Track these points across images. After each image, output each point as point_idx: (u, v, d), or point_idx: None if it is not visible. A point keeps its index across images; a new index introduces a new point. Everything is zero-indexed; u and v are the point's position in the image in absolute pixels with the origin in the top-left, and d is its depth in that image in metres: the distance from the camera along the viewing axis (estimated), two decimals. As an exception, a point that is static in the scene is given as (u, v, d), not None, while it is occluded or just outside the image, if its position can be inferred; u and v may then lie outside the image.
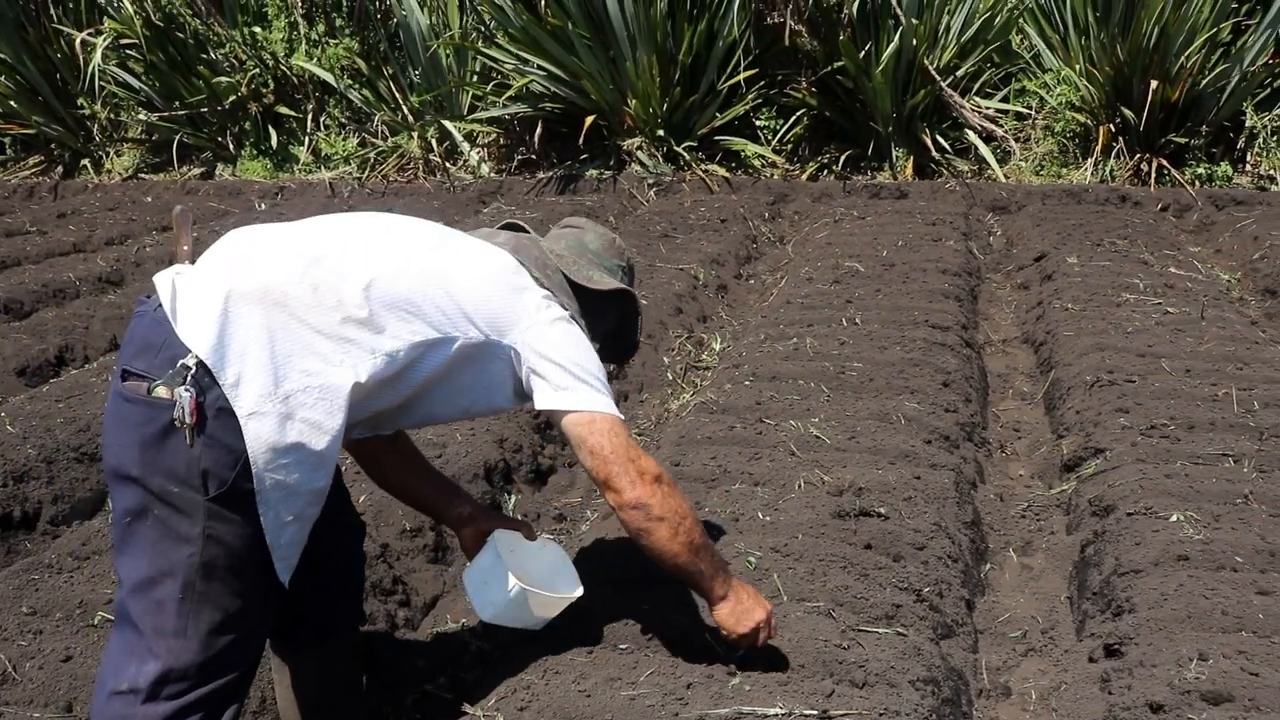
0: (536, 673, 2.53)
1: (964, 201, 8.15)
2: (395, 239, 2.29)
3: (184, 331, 2.03)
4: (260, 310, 2.06)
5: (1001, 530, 3.67)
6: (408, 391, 2.22)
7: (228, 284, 2.07)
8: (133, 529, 2.07)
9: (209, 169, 10.09)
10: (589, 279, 2.49)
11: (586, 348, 2.33)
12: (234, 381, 2.01)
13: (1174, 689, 2.48)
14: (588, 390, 2.26)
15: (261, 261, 2.14)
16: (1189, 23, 7.93)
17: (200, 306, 2.05)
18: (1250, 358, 4.59)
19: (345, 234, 2.28)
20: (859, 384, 4.36)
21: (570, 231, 2.60)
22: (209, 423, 2.00)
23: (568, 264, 2.49)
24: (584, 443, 2.25)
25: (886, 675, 2.51)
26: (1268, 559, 3.00)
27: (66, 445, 3.86)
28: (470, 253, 2.35)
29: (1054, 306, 5.52)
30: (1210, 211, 7.76)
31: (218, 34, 9.90)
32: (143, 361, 2.05)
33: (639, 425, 4.46)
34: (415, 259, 2.24)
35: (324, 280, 2.12)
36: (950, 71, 8.80)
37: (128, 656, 2.09)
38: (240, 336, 2.03)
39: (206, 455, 2.01)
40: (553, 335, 2.28)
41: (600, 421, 2.25)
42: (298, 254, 2.16)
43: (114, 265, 6.61)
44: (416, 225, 2.39)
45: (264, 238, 2.24)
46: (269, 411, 2.03)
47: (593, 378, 2.28)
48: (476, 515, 2.65)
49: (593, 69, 8.68)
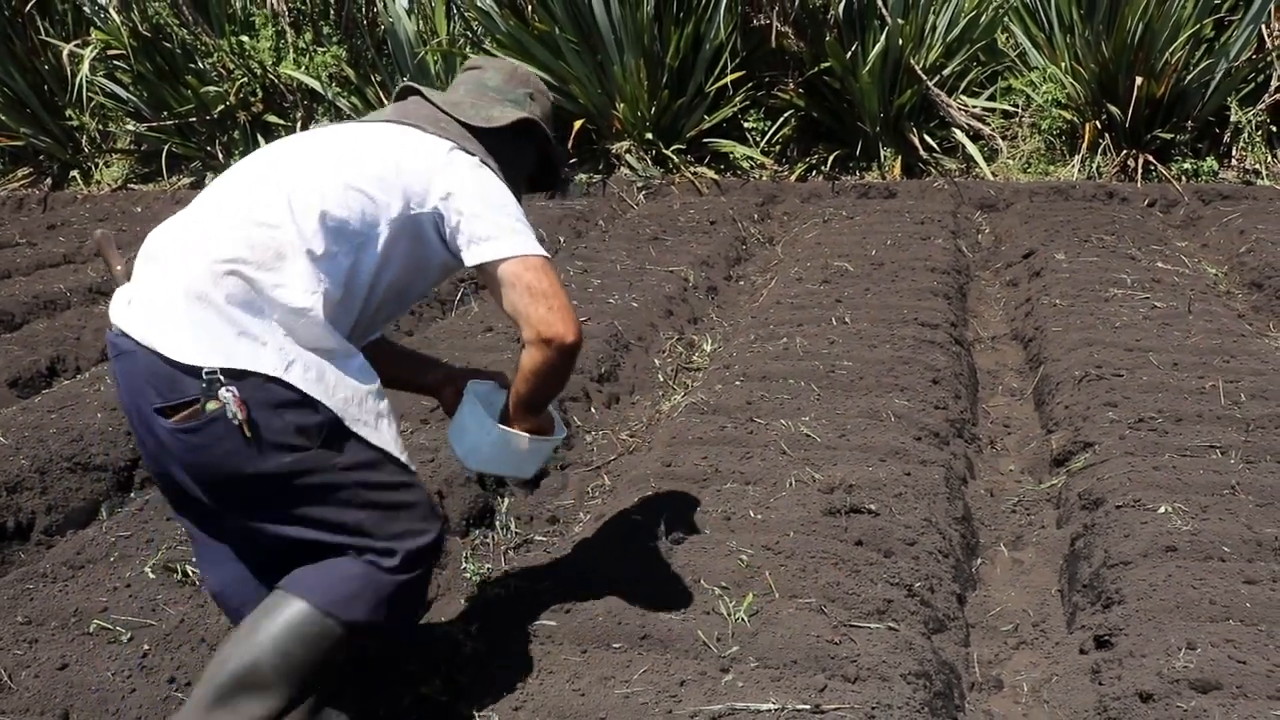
0: (531, 673, 2.54)
1: (952, 200, 8.19)
2: (289, 168, 2.28)
3: (175, 351, 2.07)
4: (218, 293, 2.09)
5: (992, 525, 3.69)
6: (365, 293, 2.25)
7: (176, 287, 2.11)
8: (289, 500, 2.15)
9: (198, 178, 10.09)
10: (487, 119, 2.44)
11: (501, 189, 2.32)
12: (252, 358, 2.08)
13: (1163, 678, 2.50)
14: (513, 235, 2.26)
15: (196, 245, 2.16)
16: (1172, 19, 7.97)
17: (169, 321, 2.09)
18: (1237, 350, 4.62)
19: (249, 184, 2.27)
20: (849, 382, 4.38)
21: (469, 74, 2.57)
22: (258, 405, 2.07)
23: (464, 109, 2.44)
24: (519, 280, 2.23)
25: (878, 670, 2.53)
26: (1254, 549, 3.03)
27: (59, 455, 3.87)
28: (362, 142, 2.33)
29: (1042, 303, 5.55)
30: (1197, 206, 7.80)
31: (205, 43, 9.91)
32: (174, 393, 2.09)
33: (631, 427, 4.48)
34: (316, 179, 2.23)
35: (255, 236, 2.15)
36: (937, 71, 8.84)
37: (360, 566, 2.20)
38: (224, 322, 2.09)
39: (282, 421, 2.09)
40: (466, 186, 2.28)
41: (534, 260, 2.25)
42: (224, 219, 2.18)
43: (104, 276, 6.60)
44: (301, 145, 2.37)
45: (185, 221, 2.25)
46: (294, 357, 2.11)
47: (515, 219, 2.28)
48: (453, 374, 2.70)
49: (580, 73, 8.70)
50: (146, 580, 3.05)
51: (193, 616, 2.87)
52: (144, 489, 3.97)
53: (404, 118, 2.39)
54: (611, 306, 5.49)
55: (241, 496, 2.16)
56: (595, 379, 4.79)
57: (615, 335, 5.15)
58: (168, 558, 3.16)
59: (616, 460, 4.12)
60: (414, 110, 2.42)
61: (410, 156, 2.29)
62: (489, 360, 4.61)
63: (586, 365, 4.76)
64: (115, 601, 2.94)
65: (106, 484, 3.92)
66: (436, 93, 2.51)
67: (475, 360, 4.60)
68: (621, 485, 3.65)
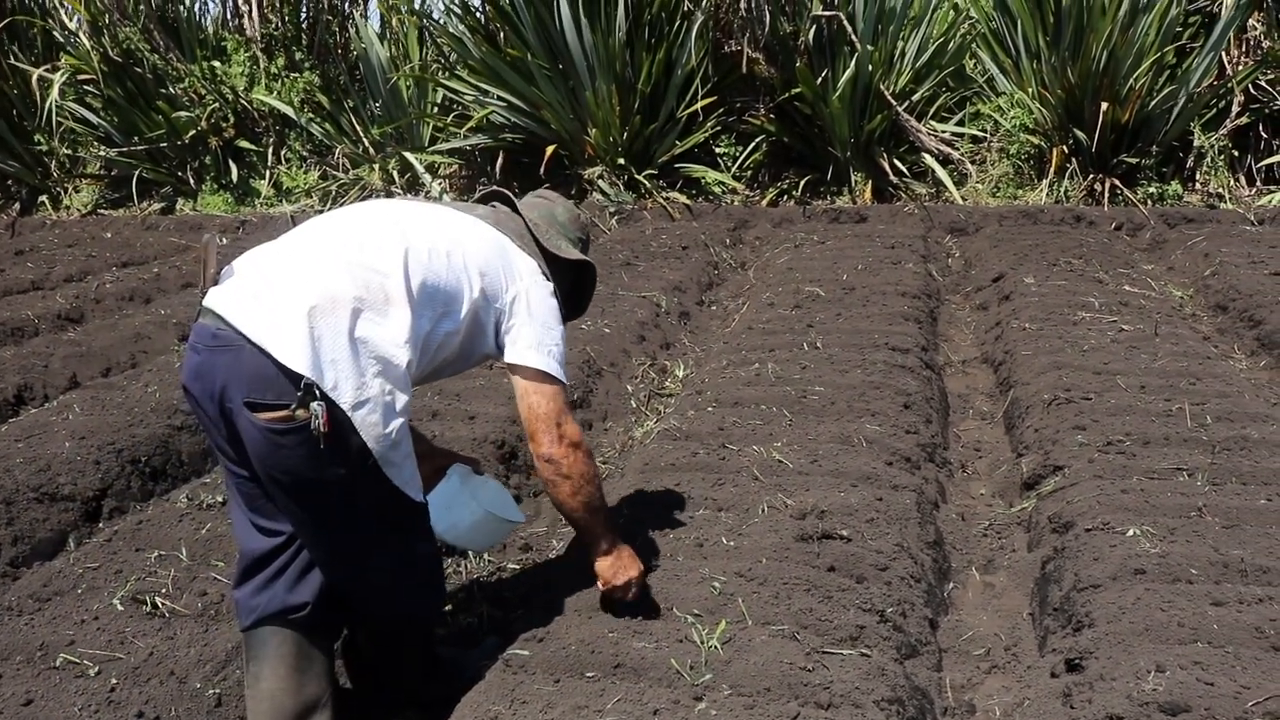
0: (504, 702, 2.53)
1: (922, 224, 8.26)
2: (406, 227, 2.59)
3: (289, 358, 2.31)
4: (333, 319, 2.37)
5: (964, 549, 3.71)
6: (431, 356, 2.57)
7: (304, 302, 2.36)
8: (322, 510, 2.45)
9: (169, 204, 10.04)
10: (558, 248, 2.87)
11: (555, 314, 2.74)
12: (333, 385, 2.34)
13: (1133, 701, 2.51)
14: (549, 358, 2.67)
15: (318, 273, 2.43)
16: (1136, 46, 8.10)
17: (290, 330, 2.33)
18: (1202, 373, 4.68)
19: (368, 231, 2.56)
20: (821, 407, 4.40)
21: (542, 203, 2.97)
22: (336, 424, 2.34)
23: (541, 232, 2.86)
24: (528, 395, 2.66)
25: (851, 696, 2.54)
26: (1221, 570, 3.06)
27: (26, 485, 3.82)
28: (468, 231, 2.69)
29: (1012, 326, 5.60)
30: (1162, 230, 7.90)
31: (176, 69, 9.88)
32: (271, 393, 2.33)
33: (603, 453, 4.48)
34: (428, 245, 2.56)
35: (370, 280, 2.44)
36: (906, 96, 8.93)
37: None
38: (328, 346, 2.35)
39: (350, 444, 2.37)
40: (538, 302, 2.70)
41: (548, 386, 2.67)
42: (343, 259, 2.46)
43: (73, 302, 6.56)
44: (415, 210, 2.69)
45: (307, 247, 2.52)
46: (366, 399, 2.38)
47: (558, 348, 2.70)
48: (433, 452, 3.05)
49: (553, 99, 8.74)
50: (115, 612, 3.01)
51: (162, 649, 2.84)
52: (112, 519, 3.93)
53: (498, 225, 2.77)
54: (584, 332, 5.50)
55: (295, 494, 2.42)
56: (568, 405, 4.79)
57: (588, 361, 5.16)
58: (136, 589, 3.13)
59: (590, 487, 4.11)
60: (505, 221, 2.81)
61: (502, 258, 2.69)
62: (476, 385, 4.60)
63: (559, 391, 4.76)
64: (82, 634, 2.90)
65: (74, 514, 3.87)
66: (524, 206, 2.91)
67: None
68: (594, 512, 3.64)
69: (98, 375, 5.31)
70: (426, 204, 2.77)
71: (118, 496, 4.03)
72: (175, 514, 3.67)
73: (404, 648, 2.78)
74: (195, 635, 2.90)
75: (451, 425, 4.34)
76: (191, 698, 2.67)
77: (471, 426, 4.33)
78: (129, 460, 4.14)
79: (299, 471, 2.37)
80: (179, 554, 3.37)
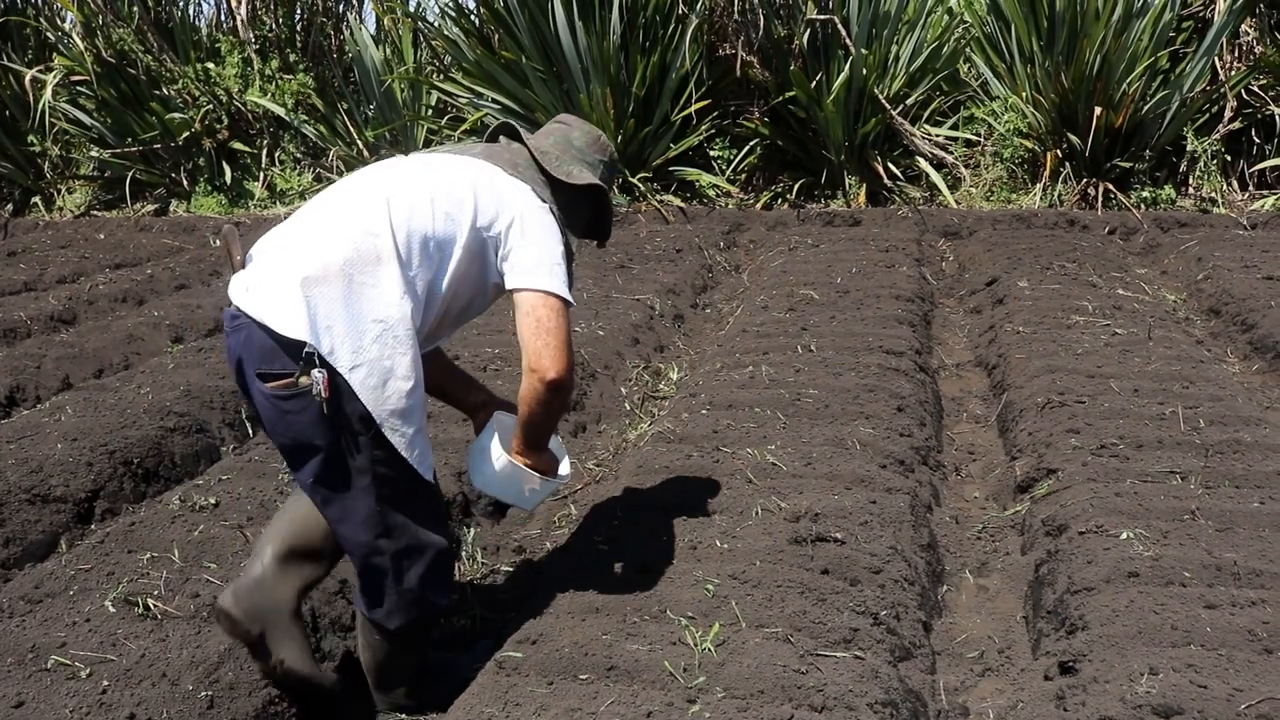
0: (497, 704, 2.53)
1: (916, 228, 8.27)
2: (390, 183, 2.63)
3: (286, 328, 2.43)
4: (326, 286, 2.46)
5: (957, 552, 3.71)
6: (441, 302, 2.61)
7: (297, 273, 2.46)
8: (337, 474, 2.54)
9: (163, 205, 10.03)
10: (567, 174, 2.80)
11: (558, 238, 2.68)
12: (330, 350, 2.43)
13: (1126, 704, 2.52)
14: (551, 276, 2.61)
15: (313, 244, 2.53)
16: (1129, 51, 8.12)
17: (285, 302, 2.45)
18: (1196, 376, 4.69)
19: (355, 195, 2.64)
20: (814, 410, 4.40)
21: (559, 128, 2.92)
22: (337, 390, 2.44)
23: (550, 159, 2.81)
24: (534, 311, 2.59)
25: (845, 699, 2.53)
26: (1214, 573, 3.06)
27: (18, 487, 3.81)
28: (451, 172, 2.68)
29: (1005, 330, 5.61)
30: (1156, 234, 7.92)
31: (170, 70, 9.87)
32: (278, 363, 2.46)
33: (597, 456, 4.48)
34: (410, 196, 2.59)
35: (360, 241, 2.51)
36: (900, 100, 8.95)
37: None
38: (324, 312, 2.44)
39: (351, 409, 2.46)
40: (531, 222, 2.65)
41: (554, 300, 2.60)
42: (332, 227, 2.55)
43: (66, 304, 6.54)
44: (402, 165, 2.73)
45: (297, 225, 2.62)
46: (361, 362, 2.45)
47: (559, 266, 2.63)
48: (490, 402, 3.07)
49: (547, 102, 8.74)
50: (106, 614, 3.00)
51: (154, 651, 2.83)
52: (104, 521, 3.92)
53: (490, 158, 2.75)
54: (578, 334, 5.50)
55: (305, 461, 2.54)
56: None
57: (582, 364, 5.16)
58: (128, 591, 3.12)
59: (583, 490, 4.11)
60: (499, 153, 2.79)
61: (489, 188, 2.66)
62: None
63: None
64: (74, 636, 2.89)
65: (66, 516, 3.86)
66: (529, 135, 2.87)
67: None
68: (588, 515, 3.64)
69: (90, 377, 5.30)
70: (418, 155, 2.79)
71: (110, 498, 4.02)
72: (168, 515, 3.65)
73: (398, 647, 2.75)
74: (187, 637, 2.89)
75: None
76: (183, 700, 2.66)
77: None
78: (121, 462, 4.13)
79: (306, 438, 2.49)
80: (171, 556, 3.35)
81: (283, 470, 3.98)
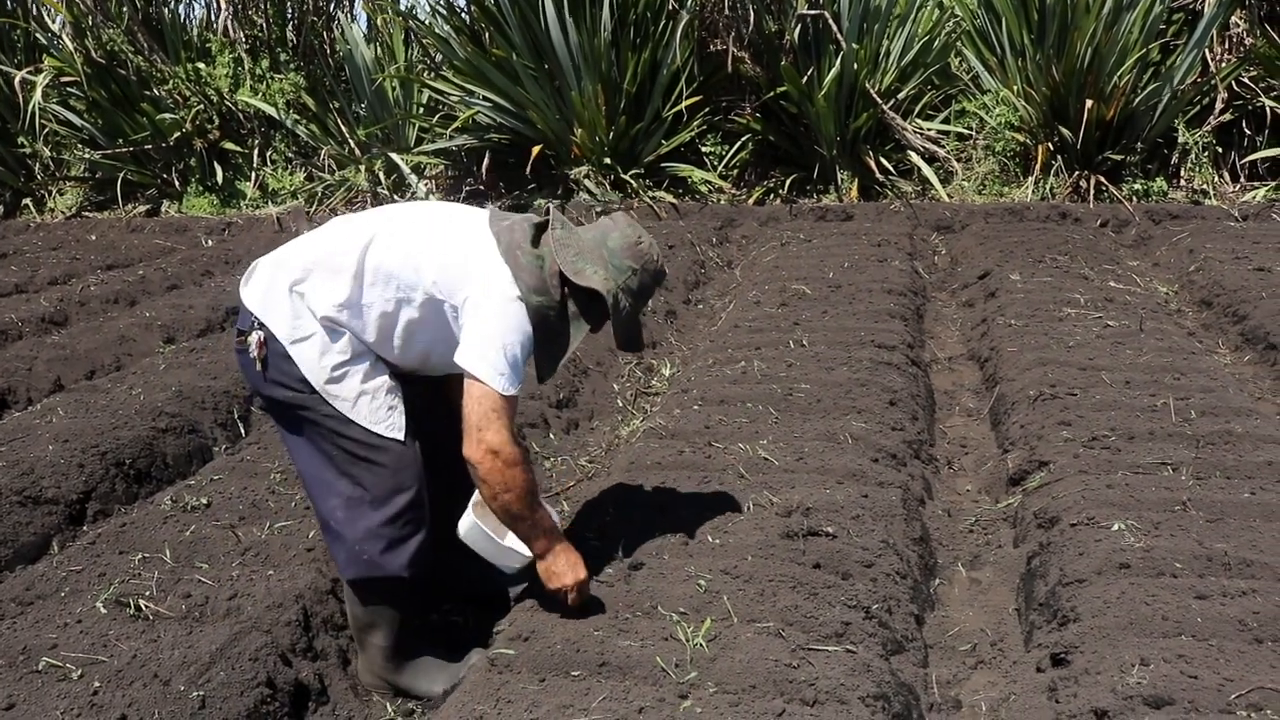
0: (489, 702, 2.53)
1: (909, 222, 8.27)
2: (391, 221, 2.86)
3: (246, 299, 2.84)
4: (283, 274, 2.82)
5: (950, 545, 3.72)
6: (401, 339, 2.82)
7: (272, 263, 2.86)
8: (293, 423, 2.87)
9: (154, 206, 10.00)
10: (576, 272, 2.80)
11: (513, 328, 2.73)
12: (273, 323, 2.78)
13: (1118, 695, 2.52)
14: (490, 366, 2.68)
15: (304, 244, 2.89)
16: (1120, 44, 8.13)
17: (255, 281, 2.86)
18: (1187, 368, 4.69)
19: (357, 224, 2.89)
20: (806, 405, 4.40)
21: (605, 223, 2.93)
22: (271, 353, 2.79)
23: (569, 252, 2.81)
24: (466, 394, 2.71)
25: (837, 693, 2.54)
26: (1205, 564, 3.07)
27: (9, 489, 3.80)
28: (446, 232, 2.84)
29: (998, 323, 5.61)
30: (1147, 226, 7.93)
31: (161, 70, 9.84)
32: (241, 322, 2.86)
33: (589, 452, 4.48)
34: (393, 239, 2.80)
35: (330, 255, 2.81)
36: (892, 94, 8.95)
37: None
38: (274, 294, 2.80)
39: (289, 369, 2.79)
40: (487, 308, 2.73)
41: (487, 394, 2.68)
42: (321, 241, 2.86)
43: (57, 305, 6.52)
44: (417, 210, 2.94)
45: (320, 231, 2.94)
46: (301, 338, 2.77)
47: (502, 356, 2.69)
48: None
49: (538, 99, 8.73)
50: (98, 616, 2.99)
51: (145, 652, 2.82)
52: (96, 522, 3.91)
53: (498, 234, 2.83)
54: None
55: (270, 410, 2.95)
56: (554, 404, 4.79)
57: (574, 360, 5.15)
58: (120, 592, 3.11)
59: (576, 486, 4.11)
60: (505, 230, 2.84)
61: (462, 263, 2.78)
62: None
63: (545, 391, 4.76)
64: (65, 638, 2.89)
65: (58, 517, 3.85)
66: (569, 225, 2.89)
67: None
68: (580, 511, 3.64)
69: (82, 378, 5.29)
70: (445, 206, 2.98)
71: (102, 499, 4.02)
72: (159, 516, 3.65)
73: (360, 610, 2.92)
74: (179, 638, 2.88)
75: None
76: (175, 700, 2.65)
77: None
78: (113, 463, 4.12)
79: (255, 386, 2.90)
80: (163, 556, 3.35)
81: (274, 470, 3.97)
